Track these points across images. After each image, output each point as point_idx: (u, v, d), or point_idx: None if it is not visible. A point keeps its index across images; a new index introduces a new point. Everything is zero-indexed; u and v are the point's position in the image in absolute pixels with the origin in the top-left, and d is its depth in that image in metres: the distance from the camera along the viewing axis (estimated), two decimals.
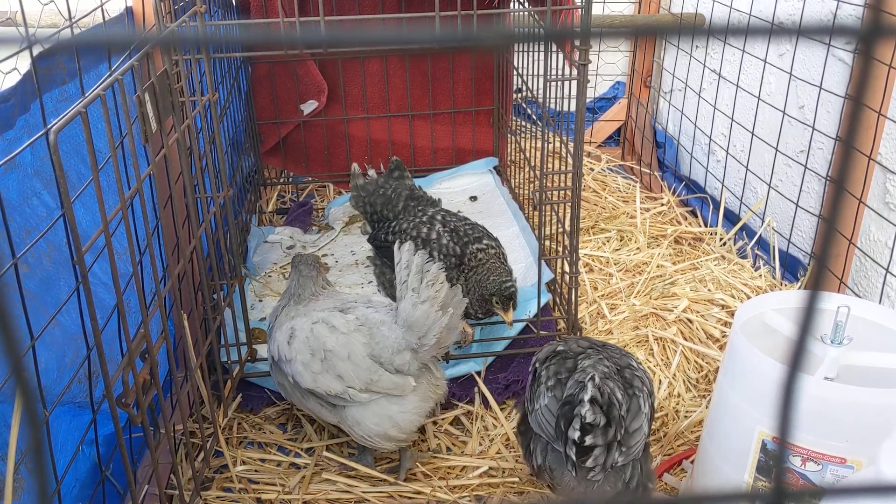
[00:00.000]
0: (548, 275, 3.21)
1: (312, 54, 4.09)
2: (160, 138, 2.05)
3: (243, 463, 2.55)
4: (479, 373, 2.87)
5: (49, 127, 1.49)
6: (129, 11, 2.39)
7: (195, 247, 2.37)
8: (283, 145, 4.42)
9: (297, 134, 4.40)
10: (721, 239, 3.86)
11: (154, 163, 1.99)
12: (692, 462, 2.42)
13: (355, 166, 3.23)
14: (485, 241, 2.87)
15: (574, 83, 2.70)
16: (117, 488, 2.15)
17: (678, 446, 2.62)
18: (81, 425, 2.04)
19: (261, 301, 3.42)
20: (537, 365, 2.24)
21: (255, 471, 2.52)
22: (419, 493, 2.44)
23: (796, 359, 0.42)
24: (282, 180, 4.60)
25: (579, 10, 2.66)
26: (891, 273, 2.93)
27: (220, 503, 2.39)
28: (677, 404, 2.80)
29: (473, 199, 4.28)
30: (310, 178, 4.57)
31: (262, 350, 2.99)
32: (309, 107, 4.27)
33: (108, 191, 2.14)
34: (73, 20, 1.82)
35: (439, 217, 2.96)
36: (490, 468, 2.53)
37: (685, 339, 3.13)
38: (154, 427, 2.07)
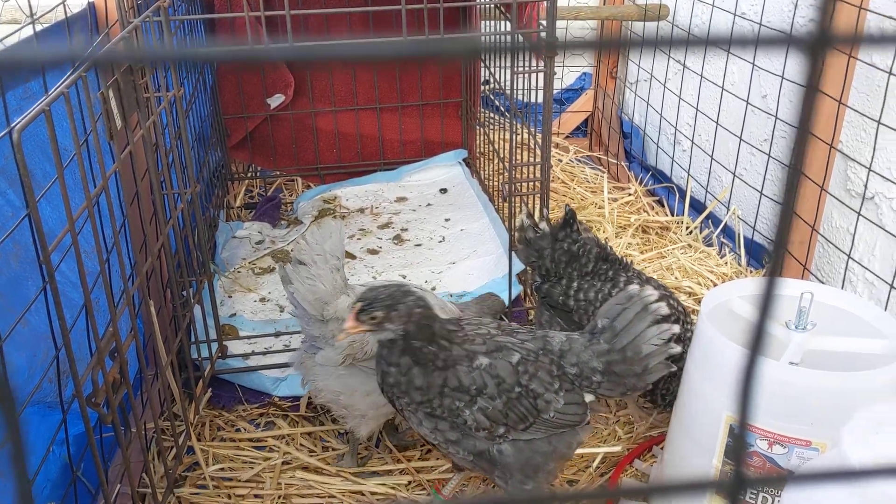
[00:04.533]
0: (518, 266, 3.23)
1: (278, 48, 4.06)
2: (125, 135, 2.03)
3: (216, 460, 2.54)
4: None
5: (13, 126, 1.47)
6: (91, 7, 2.36)
7: (163, 244, 2.36)
8: (251, 139, 4.39)
9: (265, 128, 4.37)
10: (687, 227, 3.91)
11: (120, 160, 1.97)
12: (662, 448, 2.45)
13: (523, 218, 2.70)
14: (690, 334, 2.50)
15: (541, 75, 2.72)
16: (89, 488, 2.13)
17: (648, 432, 2.66)
18: (52, 425, 2.02)
19: (230, 297, 3.40)
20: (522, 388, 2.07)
21: (229, 468, 2.52)
22: (394, 487, 2.45)
23: (756, 345, 0.44)
24: (249, 175, 4.57)
25: (545, 2, 2.67)
26: (852, 259, 2.99)
27: (194, 500, 2.38)
28: None
29: (443, 191, 4.28)
30: (278, 172, 4.54)
31: (232, 347, 2.98)
32: (276, 101, 4.25)
33: (74, 189, 2.11)
34: (35, 17, 1.79)
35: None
36: None
37: None
38: (125, 426, 2.05)
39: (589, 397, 2.10)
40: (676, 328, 2.06)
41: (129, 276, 2.23)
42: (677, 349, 2.04)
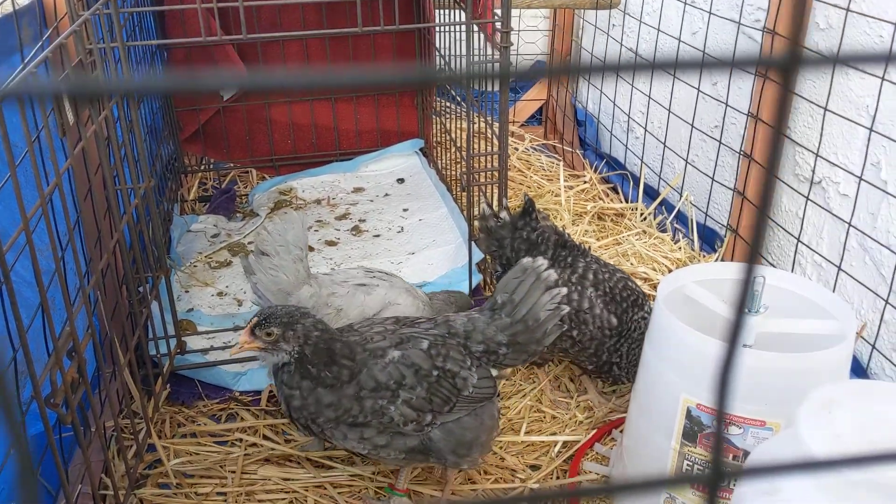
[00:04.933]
0: (478, 255, 3.25)
1: (231, 39, 4.02)
2: (77, 130, 2.00)
3: (177, 457, 2.52)
4: None
5: None
6: (39, 1, 2.30)
7: (118, 240, 2.32)
8: (203, 131, 4.33)
9: (217, 120, 4.32)
10: (642, 214, 3.97)
11: (72, 156, 1.94)
12: (621, 431, 2.50)
13: (484, 207, 2.75)
14: (647, 307, 2.63)
15: (497, 66, 2.73)
16: (49, 489, 2.10)
17: (608, 417, 2.71)
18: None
19: (187, 292, 3.37)
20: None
21: (191, 463, 2.50)
22: (356, 475, 2.46)
23: (734, 339, 0.45)
24: (203, 167, 4.51)
25: None
26: (801, 242, 3.07)
27: (156, 500, 2.36)
28: None
29: (401, 181, 4.28)
30: (231, 165, 4.49)
31: (191, 342, 2.95)
32: (228, 92, 4.20)
33: (27, 186, 2.07)
34: None
35: (591, 276, 2.62)
36: None
37: None
38: (84, 425, 2.02)
39: (493, 372, 2.22)
40: (564, 290, 2.23)
41: (85, 273, 2.20)
42: (566, 309, 2.24)
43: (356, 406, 2.02)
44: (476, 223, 2.80)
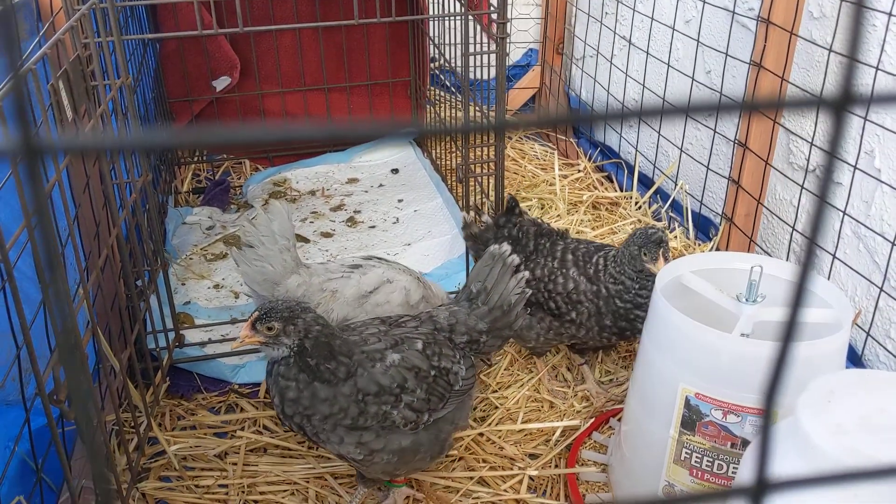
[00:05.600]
0: None
1: (227, 31, 3.99)
2: (76, 126, 1.99)
3: (178, 446, 2.53)
4: None
5: None
6: None
7: (116, 234, 2.32)
8: (196, 123, 4.32)
9: (211, 111, 4.31)
10: (637, 203, 3.98)
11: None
12: (619, 420, 2.52)
13: (465, 216, 2.82)
14: (605, 249, 2.66)
15: (492, 56, 2.73)
16: (50, 485, 2.11)
17: (604, 407, 2.73)
18: (8, 423, 1.99)
19: (184, 285, 3.37)
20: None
21: (192, 457, 2.51)
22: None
23: (787, 340, 0.46)
24: (196, 158, 4.50)
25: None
26: (796, 230, 3.09)
27: (158, 493, 2.37)
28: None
29: (395, 171, 4.28)
30: (225, 155, 4.48)
31: (189, 335, 2.95)
32: (221, 83, 4.18)
33: (27, 182, 2.07)
34: None
35: (570, 257, 2.66)
36: None
37: None
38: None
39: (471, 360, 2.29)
40: (527, 273, 2.34)
41: (84, 268, 2.20)
42: (529, 291, 2.36)
43: (354, 408, 2.02)
44: (462, 231, 2.84)
